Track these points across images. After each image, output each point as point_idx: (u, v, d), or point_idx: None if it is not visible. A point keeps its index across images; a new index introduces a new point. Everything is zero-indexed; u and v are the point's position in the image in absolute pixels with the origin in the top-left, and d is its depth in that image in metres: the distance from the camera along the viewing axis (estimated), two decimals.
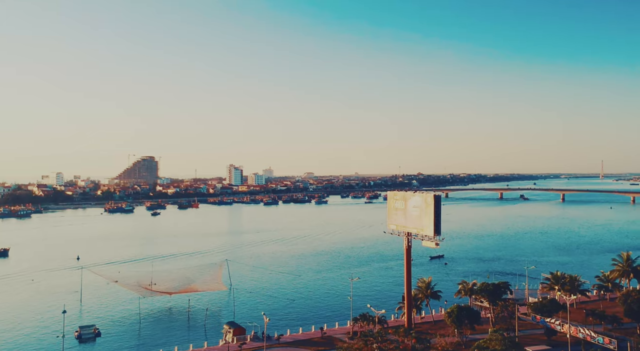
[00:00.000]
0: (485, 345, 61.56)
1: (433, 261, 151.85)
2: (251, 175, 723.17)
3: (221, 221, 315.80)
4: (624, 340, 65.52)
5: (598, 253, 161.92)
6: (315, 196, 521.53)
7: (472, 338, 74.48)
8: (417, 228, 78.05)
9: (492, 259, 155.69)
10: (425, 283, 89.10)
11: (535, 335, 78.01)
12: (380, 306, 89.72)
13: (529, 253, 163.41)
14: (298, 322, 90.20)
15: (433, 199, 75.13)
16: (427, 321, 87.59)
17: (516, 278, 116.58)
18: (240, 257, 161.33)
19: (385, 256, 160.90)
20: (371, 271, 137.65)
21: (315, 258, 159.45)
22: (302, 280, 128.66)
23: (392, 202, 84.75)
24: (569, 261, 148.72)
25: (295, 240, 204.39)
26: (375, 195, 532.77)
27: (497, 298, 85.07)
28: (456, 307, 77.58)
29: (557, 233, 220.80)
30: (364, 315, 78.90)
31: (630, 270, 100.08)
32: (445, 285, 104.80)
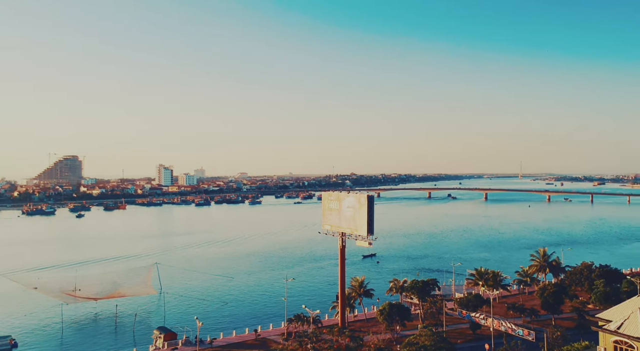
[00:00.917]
0: (415, 341, 63.61)
1: (366, 260, 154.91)
2: (182, 176, 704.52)
3: (150, 223, 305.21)
4: (540, 331, 69.81)
5: (518, 250, 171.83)
6: (248, 196, 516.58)
7: (403, 334, 76.72)
8: (351, 228, 79.35)
9: (421, 257, 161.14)
10: (358, 282, 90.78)
11: (461, 329, 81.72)
12: (315, 306, 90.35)
13: (455, 251, 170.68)
14: (231, 325, 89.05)
15: (366, 199, 76.69)
16: (360, 319, 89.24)
17: (443, 274, 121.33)
18: (170, 259, 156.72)
19: (320, 256, 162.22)
20: (306, 272, 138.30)
21: (249, 260, 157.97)
22: (235, 282, 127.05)
23: (326, 202, 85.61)
24: (491, 257, 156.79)
25: (228, 241, 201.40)
26: (310, 195, 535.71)
27: (426, 294, 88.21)
28: (388, 305, 79.59)
29: (480, 230, 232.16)
30: (299, 316, 79.15)
31: (546, 265, 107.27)
32: (377, 283, 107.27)
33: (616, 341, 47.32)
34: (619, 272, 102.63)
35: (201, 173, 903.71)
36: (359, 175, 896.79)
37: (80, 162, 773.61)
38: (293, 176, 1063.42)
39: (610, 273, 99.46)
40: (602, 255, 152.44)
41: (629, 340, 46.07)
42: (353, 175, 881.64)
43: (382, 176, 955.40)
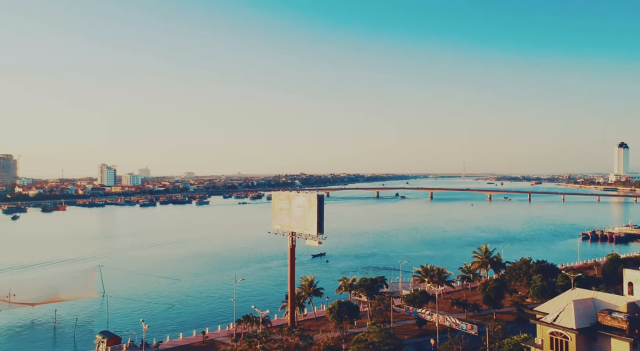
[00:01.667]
0: (364, 338, 64.54)
1: (315, 259, 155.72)
2: (126, 175, 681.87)
3: (92, 224, 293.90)
4: (483, 325, 72.62)
5: (461, 247, 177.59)
6: (196, 197, 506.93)
7: (352, 332, 77.67)
8: (301, 227, 79.56)
9: (370, 255, 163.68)
10: (308, 282, 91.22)
11: (408, 325, 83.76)
12: (265, 306, 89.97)
13: (402, 249, 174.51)
14: (179, 327, 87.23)
15: (317, 199, 77.15)
16: (310, 319, 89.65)
17: (391, 272, 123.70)
18: (114, 262, 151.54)
19: (269, 256, 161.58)
20: (255, 272, 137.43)
21: (197, 261, 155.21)
22: (182, 284, 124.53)
23: (276, 202, 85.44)
24: (436, 255, 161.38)
25: (174, 243, 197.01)
26: (259, 195, 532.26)
27: (375, 292, 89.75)
28: (337, 303, 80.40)
29: (426, 229, 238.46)
30: (248, 316, 78.59)
31: (488, 261, 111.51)
32: (327, 282, 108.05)
33: (552, 332, 49.86)
34: (554, 267, 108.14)
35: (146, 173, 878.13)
36: (308, 175, 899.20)
37: (14, 162, 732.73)
38: (242, 176, 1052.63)
39: (546, 268, 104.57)
40: (539, 251, 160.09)
41: (563, 331, 48.67)
42: (302, 175, 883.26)
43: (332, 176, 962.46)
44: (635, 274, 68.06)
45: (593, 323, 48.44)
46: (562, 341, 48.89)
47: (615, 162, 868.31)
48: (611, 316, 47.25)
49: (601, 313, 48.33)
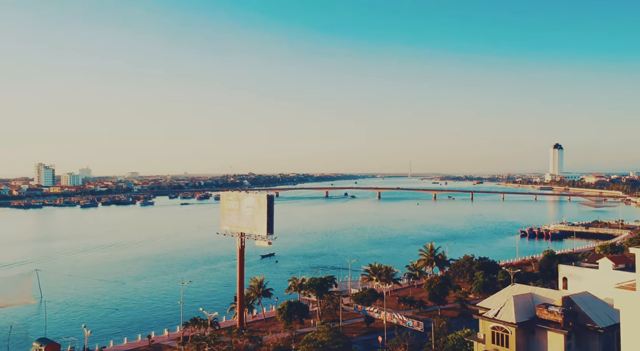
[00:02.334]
0: (314, 337, 64.93)
1: (264, 259, 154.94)
2: (65, 176, 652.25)
3: (29, 226, 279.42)
4: (428, 322, 74.78)
5: (408, 245, 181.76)
6: (140, 197, 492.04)
7: (301, 331, 77.87)
8: (250, 228, 79.02)
9: (319, 255, 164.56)
10: (257, 282, 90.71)
11: (357, 323, 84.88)
12: (213, 308, 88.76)
13: (351, 248, 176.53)
14: (123, 332, 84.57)
15: (266, 199, 76.87)
16: (259, 319, 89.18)
17: (340, 271, 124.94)
18: (53, 266, 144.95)
19: (216, 258, 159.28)
20: (202, 274, 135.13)
21: (142, 264, 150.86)
22: (126, 287, 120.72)
23: (225, 202, 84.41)
24: (384, 253, 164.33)
25: (117, 245, 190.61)
26: (206, 196, 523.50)
27: (324, 291, 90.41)
28: (286, 303, 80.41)
29: (374, 228, 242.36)
30: (195, 319, 77.23)
31: (433, 259, 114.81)
32: (276, 283, 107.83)
33: (494, 327, 51.96)
34: (495, 264, 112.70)
35: (87, 173, 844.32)
36: (257, 174, 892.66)
37: None
38: (188, 176, 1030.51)
39: (488, 265, 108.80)
40: (481, 248, 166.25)
41: (504, 326, 50.84)
42: (251, 174, 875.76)
43: (281, 176, 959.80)
44: (569, 269, 72.04)
45: (531, 317, 50.84)
46: (503, 336, 51.04)
47: (551, 163, 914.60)
48: (548, 310, 49.75)
49: (539, 308, 50.80)
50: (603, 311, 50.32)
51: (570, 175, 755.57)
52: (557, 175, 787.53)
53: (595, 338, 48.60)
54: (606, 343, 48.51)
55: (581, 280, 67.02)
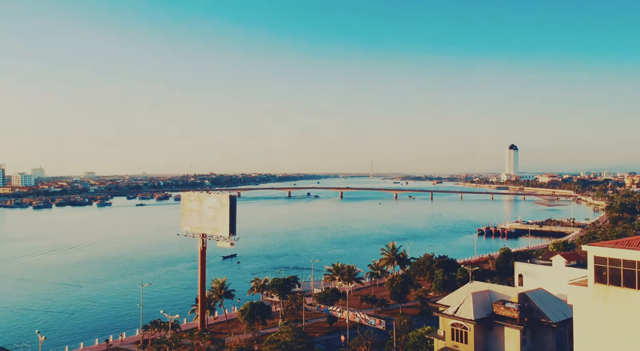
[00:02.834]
0: (277, 338, 64.83)
1: (226, 261, 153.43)
2: (16, 176, 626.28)
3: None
4: (390, 320, 75.88)
5: (370, 244, 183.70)
6: (97, 198, 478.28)
7: (264, 332, 77.64)
8: (212, 228, 78.12)
9: (282, 255, 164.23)
10: (219, 284, 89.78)
11: (320, 323, 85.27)
12: (174, 311, 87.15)
13: (314, 248, 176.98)
14: (79, 336, 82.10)
15: (228, 199, 76.19)
16: (221, 321, 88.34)
17: (303, 271, 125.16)
18: (3, 270, 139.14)
19: (177, 259, 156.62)
20: (163, 276, 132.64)
21: (99, 266, 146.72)
22: (83, 290, 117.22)
23: (186, 202, 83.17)
24: (347, 253, 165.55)
25: (73, 247, 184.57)
26: (166, 196, 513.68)
27: (287, 292, 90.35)
28: (249, 304, 79.92)
29: (336, 228, 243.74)
30: (155, 322, 75.78)
31: (394, 258, 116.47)
32: (238, 284, 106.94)
33: (453, 324, 53.25)
34: (454, 262, 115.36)
35: (40, 173, 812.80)
36: (218, 174, 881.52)
37: None
38: (147, 176, 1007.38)
39: (447, 263, 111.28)
40: (441, 247, 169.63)
41: (463, 322, 52.18)
42: (212, 174, 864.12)
43: (243, 176, 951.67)
44: (525, 267, 74.63)
45: (489, 313, 52.36)
46: (462, 332, 52.37)
47: (507, 163, 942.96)
48: (504, 306, 51.37)
49: (496, 304, 52.37)
50: (556, 306, 52.34)
51: (525, 175, 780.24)
52: (513, 175, 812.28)
53: (549, 332, 50.50)
54: (559, 338, 50.49)
55: (536, 277, 69.55)
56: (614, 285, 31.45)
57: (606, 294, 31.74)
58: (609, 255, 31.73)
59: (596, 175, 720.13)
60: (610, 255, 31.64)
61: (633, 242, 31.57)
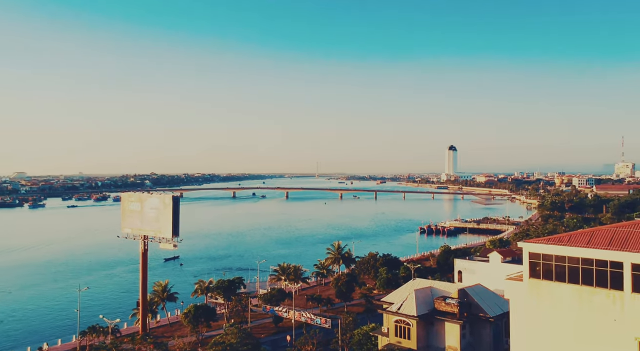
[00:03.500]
0: (222, 340, 64.01)
1: (168, 263, 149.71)
2: None
3: None
4: (335, 318, 76.65)
5: (316, 244, 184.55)
6: (29, 199, 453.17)
7: (209, 335, 76.42)
8: (154, 230, 76.02)
9: (226, 256, 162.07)
10: (161, 287, 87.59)
11: (265, 324, 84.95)
12: (114, 315, 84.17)
13: (259, 248, 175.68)
14: (9, 346, 77.66)
15: (171, 200, 74.42)
16: (164, 324, 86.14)
17: (249, 272, 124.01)
18: None
19: (116, 262, 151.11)
20: (101, 280, 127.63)
21: (31, 271, 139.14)
22: (13, 296, 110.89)
23: (126, 203, 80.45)
24: (292, 253, 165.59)
25: (1, 251, 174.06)
26: (104, 197, 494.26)
27: (232, 293, 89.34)
28: (193, 307, 78.43)
29: (282, 228, 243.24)
30: (94, 327, 72.88)
31: (340, 257, 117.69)
32: (181, 286, 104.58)
33: (397, 320, 54.51)
34: (397, 260, 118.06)
35: None
36: (159, 174, 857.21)
37: None
38: (85, 176, 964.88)
39: (391, 261, 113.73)
40: (384, 246, 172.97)
41: (406, 319, 53.53)
42: (153, 174, 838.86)
43: (185, 176, 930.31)
44: (464, 263, 77.39)
45: (431, 309, 53.99)
46: (405, 328, 53.71)
47: (446, 163, 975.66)
48: (445, 302, 53.13)
49: (437, 300, 54.08)
50: (494, 301, 54.69)
51: (464, 174, 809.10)
52: (452, 175, 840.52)
53: (486, 326, 52.70)
54: (496, 331, 52.80)
55: (474, 273, 72.31)
56: (546, 280, 33.29)
57: (540, 288, 33.54)
58: (542, 251, 33.54)
59: (529, 175, 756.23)
60: (543, 251, 33.45)
61: (564, 238, 33.55)
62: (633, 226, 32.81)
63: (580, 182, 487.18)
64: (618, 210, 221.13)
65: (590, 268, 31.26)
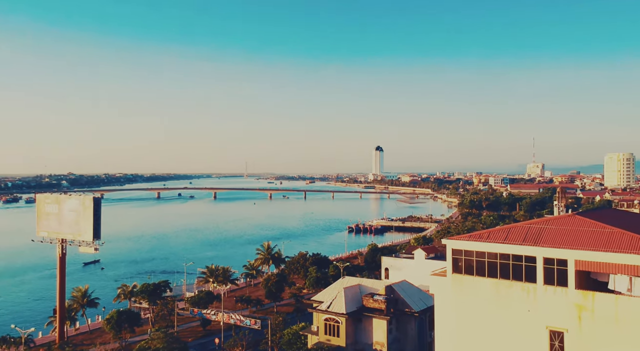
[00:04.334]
0: (147, 346, 61.84)
1: (88, 267, 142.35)
2: None
3: None
4: (265, 319, 76.32)
5: (245, 245, 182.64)
6: None
7: (133, 341, 73.52)
8: (73, 233, 72.03)
9: (151, 259, 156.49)
10: (81, 292, 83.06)
11: (193, 327, 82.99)
12: (29, 324, 78.83)
13: (186, 250, 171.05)
14: None
15: (92, 202, 70.91)
16: (84, 332, 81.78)
17: (175, 275, 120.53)
18: None
19: (30, 267, 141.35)
20: (13, 287, 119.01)
21: None
22: None
23: (42, 205, 75.61)
24: (221, 254, 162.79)
25: None
26: (15, 199, 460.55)
27: (158, 297, 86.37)
28: (115, 312, 75.06)
29: (210, 229, 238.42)
30: (4, 338, 67.86)
31: (270, 257, 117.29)
32: (103, 291, 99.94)
33: (326, 319, 55.25)
34: (327, 259, 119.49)
35: None
36: (78, 175, 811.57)
37: None
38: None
39: (320, 260, 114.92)
40: (314, 245, 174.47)
41: (335, 316, 54.39)
42: (71, 174, 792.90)
43: (106, 176, 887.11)
44: (390, 261, 79.74)
45: (359, 306, 55.23)
46: (335, 326, 54.57)
47: (373, 163, 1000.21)
48: (373, 299, 54.55)
49: (365, 297, 55.41)
50: (418, 296, 56.85)
51: (390, 174, 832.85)
52: (379, 175, 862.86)
53: (411, 321, 54.70)
54: (420, 325, 54.94)
55: (400, 270, 74.73)
56: (468, 274, 35.11)
57: (462, 282, 35.32)
58: (464, 247, 35.33)
59: (450, 175, 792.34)
60: (465, 247, 35.26)
61: (483, 235, 35.54)
62: (544, 222, 35.38)
63: (496, 181, 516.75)
64: (530, 208, 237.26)
65: (507, 262, 33.36)
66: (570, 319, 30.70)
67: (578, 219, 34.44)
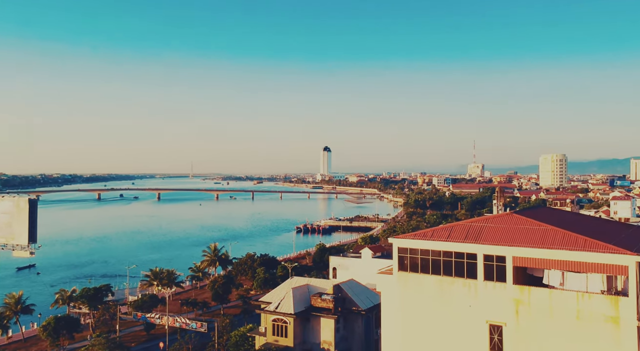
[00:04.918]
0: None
1: (22, 272, 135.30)
2: None
3: None
4: (211, 322, 75.19)
5: (190, 247, 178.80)
6: None
7: (72, 348, 70.68)
8: (6, 236, 68.14)
9: (91, 263, 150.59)
10: (14, 298, 78.79)
11: (136, 332, 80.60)
12: None
13: (128, 253, 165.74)
14: None
15: (27, 203, 67.39)
16: (17, 341, 77.62)
17: (117, 279, 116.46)
18: None
19: None
20: None
21: None
22: None
23: None
24: (166, 256, 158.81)
25: None
26: None
27: (98, 302, 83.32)
28: (53, 318, 71.77)
29: (153, 231, 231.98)
30: None
31: (217, 259, 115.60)
32: (39, 297, 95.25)
33: (274, 319, 55.11)
34: (275, 259, 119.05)
35: None
36: (10, 175, 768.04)
37: None
38: None
39: (268, 261, 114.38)
40: (262, 246, 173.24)
41: (284, 317, 54.35)
42: (3, 175, 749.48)
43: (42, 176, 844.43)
44: (338, 260, 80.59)
45: (307, 306, 55.46)
46: (283, 326, 54.54)
47: (321, 164, 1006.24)
48: (321, 298, 54.92)
49: (313, 297, 55.70)
50: (365, 295, 57.74)
51: (337, 175, 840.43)
52: (327, 175, 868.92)
53: (359, 319, 55.49)
54: (367, 323, 55.82)
55: (348, 269, 75.66)
56: (413, 272, 36.04)
57: (407, 280, 36.21)
58: (409, 245, 36.25)
59: (395, 175, 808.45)
60: (410, 245, 36.18)
61: (428, 233, 36.60)
62: (484, 221, 36.86)
63: (439, 181, 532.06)
64: (471, 207, 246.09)
65: (450, 260, 34.51)
66: (509, 313, 32.14)
67: (515, 217, 36.10)
